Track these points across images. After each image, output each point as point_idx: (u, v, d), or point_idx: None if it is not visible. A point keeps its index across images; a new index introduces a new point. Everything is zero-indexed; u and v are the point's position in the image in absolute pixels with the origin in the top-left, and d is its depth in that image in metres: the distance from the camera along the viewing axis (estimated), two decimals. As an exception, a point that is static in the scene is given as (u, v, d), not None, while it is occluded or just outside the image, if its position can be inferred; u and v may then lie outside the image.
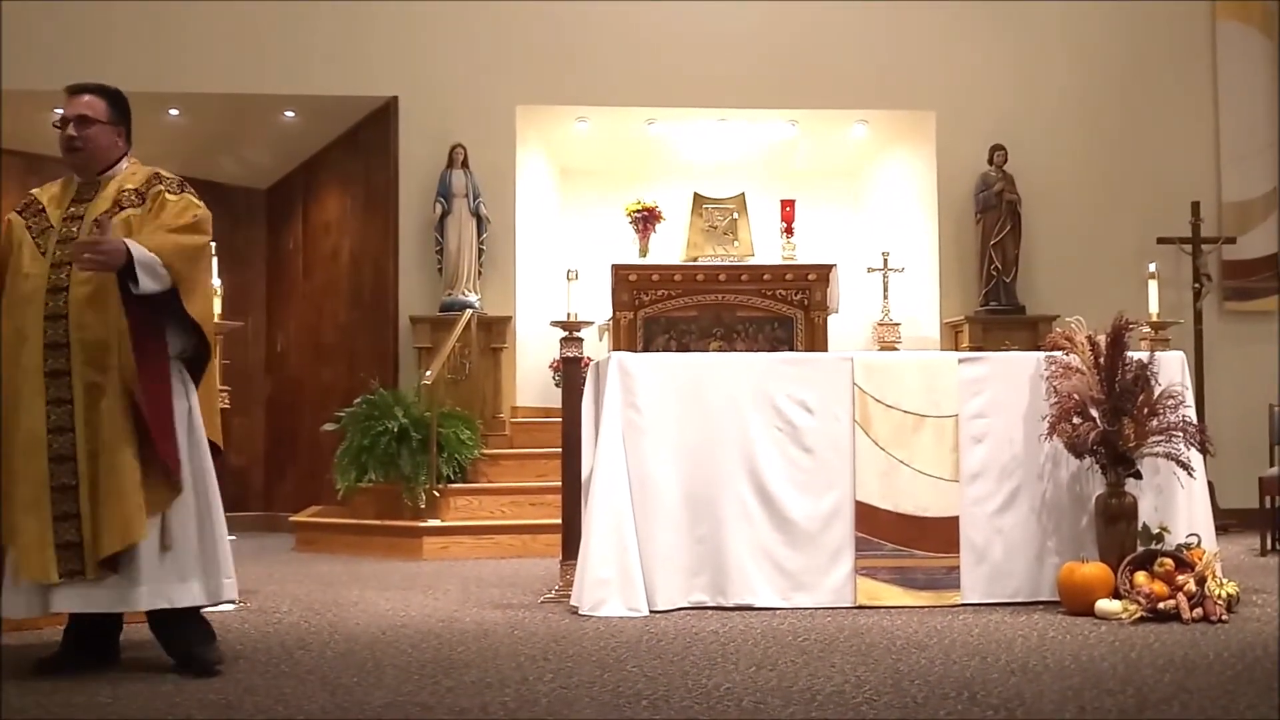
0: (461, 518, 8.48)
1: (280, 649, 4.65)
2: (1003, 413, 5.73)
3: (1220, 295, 10.31)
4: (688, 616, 5.31)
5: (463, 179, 9.83)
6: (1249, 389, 9.55)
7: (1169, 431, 5.50)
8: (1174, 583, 5.16)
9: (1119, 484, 5.49)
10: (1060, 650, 4.47)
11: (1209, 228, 10.07)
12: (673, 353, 9.00)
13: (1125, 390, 5.50)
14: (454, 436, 8.70)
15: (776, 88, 10.17)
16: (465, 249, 9.76)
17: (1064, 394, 5.54)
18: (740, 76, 10.04)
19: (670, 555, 5.52)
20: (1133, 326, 5.64)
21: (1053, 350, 5.77)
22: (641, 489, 5.53)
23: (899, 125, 10.54)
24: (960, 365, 5.81)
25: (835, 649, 4.53)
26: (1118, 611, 5.12)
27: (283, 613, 5.64)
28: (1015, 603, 5.57)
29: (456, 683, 3.97)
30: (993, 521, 5.67)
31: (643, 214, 10.52)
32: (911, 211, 10.65)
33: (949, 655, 4.39)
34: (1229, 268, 10.36)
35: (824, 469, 5.65)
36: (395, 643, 4.75)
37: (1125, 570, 5.28)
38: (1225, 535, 8.22)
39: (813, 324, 9.87)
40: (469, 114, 9.98)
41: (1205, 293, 9.91)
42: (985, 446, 5.70)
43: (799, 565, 5.57)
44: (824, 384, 5.69)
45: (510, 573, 7.17)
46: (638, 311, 9.78)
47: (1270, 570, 6.88)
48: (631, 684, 3.91)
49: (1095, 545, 5.53)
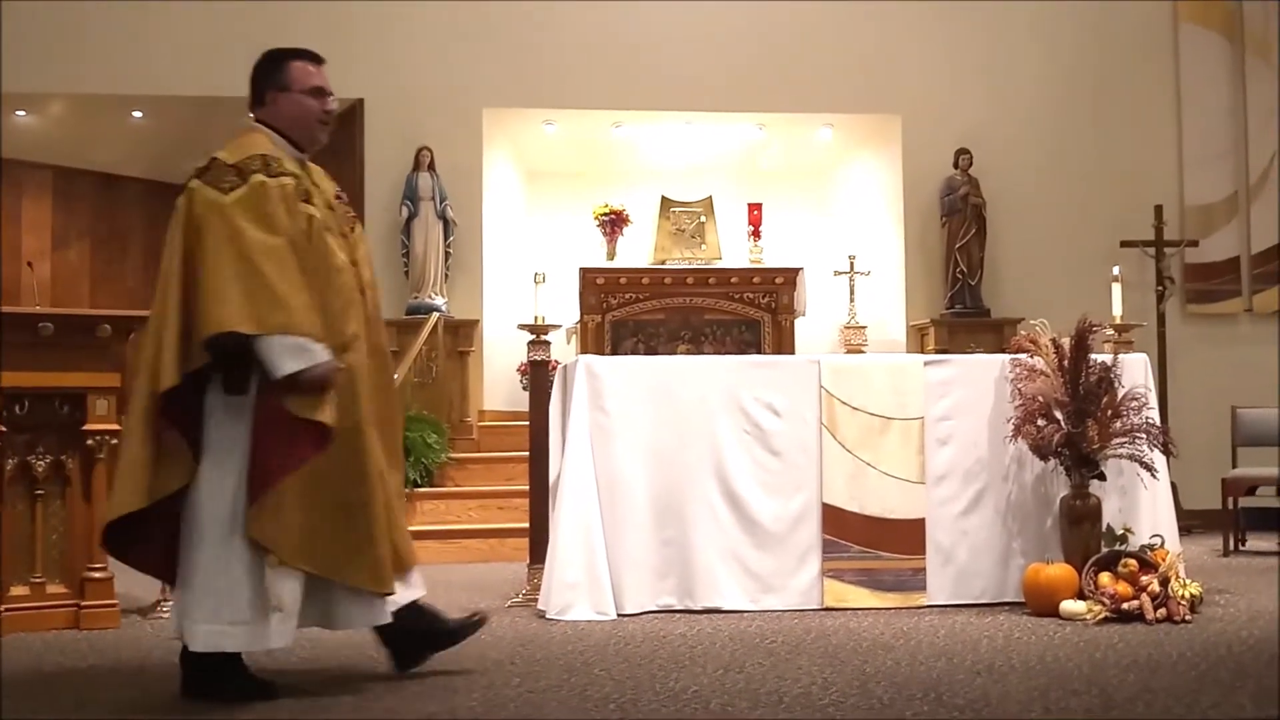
0: (428, 522, 8.45)
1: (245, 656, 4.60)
2: (968, 415, 5.76)
3: (1183, 298, 10.39)
4: (655, 620, 5.32)
5: (429, 182, 9.80)
6: (1212, 391, 9.63)
7: (1132, 433, 5.56)
8: (1138, 583, 5.21)
9: (1083, 485, 5.54)
10: (1026, 651, 4.51)
11: (1172, 231, 10.15)
12: (640, 356, 9.00)
13: (1089, 392, 5.54)
14: (421, 440, 8.67)
15: (743, 91, 10.19)
16: (432, 252, 9.73)
17: (1029, 396, 5.58)
18: (707, 80, 10.06)
19: (638, 558, 5.52)
20: (1096, 329, 5.68)
21: (1017, 353, 5.80)
22: (609, 492, 5.53)
23: (865, 129, 10.58)
24: (926, 368, 5.84)
25: (802, 651, 4.55)
26: (1082, 612, 5.16)
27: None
28: (981, 604, 5.61)
29: (423, 687, 3.95)
30: (958, 523, 5.70)
31: (610, 217, 10.52)
32: (878, 215, 10.70)
33: (915, 656, 4.41)
34: (1192, 271, 10.45)
35: (791, 471, 5.66)
36: (364, 648, 4.71)
37: (1090, 571, 5.32)
38: (1188, 536, 8.28)
39: (780, 327, 9.89)
40: (435, 117, 9.95)
41: (1168, 295, 9.99)
42: (951, 448, 5.73)
43: (766, 568, 5.59)
44: (791, 387, 5.71)
45: (478, 577, 7.15)
46: (605, 314, 9.77)
47: (1233, 570, 6.94)
48: (599, 687, 3.91)
49: (1060, 546, 5.58)
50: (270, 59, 4.02)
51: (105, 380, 5.44)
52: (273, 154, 3.84)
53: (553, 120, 10.42)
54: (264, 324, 3.59)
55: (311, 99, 3.98)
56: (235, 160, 3.78)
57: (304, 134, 3.98)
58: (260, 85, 4.00)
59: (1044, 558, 5.57)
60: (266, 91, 3.98)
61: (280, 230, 3.71)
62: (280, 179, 3.78)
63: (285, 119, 3.96)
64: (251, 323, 3.59)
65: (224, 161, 3.79)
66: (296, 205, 3.79)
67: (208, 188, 3.74)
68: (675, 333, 9.83)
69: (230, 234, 3.65)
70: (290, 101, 3.96)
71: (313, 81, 4.00)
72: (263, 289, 3.61)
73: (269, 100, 3.97)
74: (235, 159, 3.79)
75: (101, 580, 5.36)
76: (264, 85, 3.99)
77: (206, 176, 3.77)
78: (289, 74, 3.98)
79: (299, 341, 3.63)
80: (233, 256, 3.63)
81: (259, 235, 3.66)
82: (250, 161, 3.77)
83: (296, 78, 3.97)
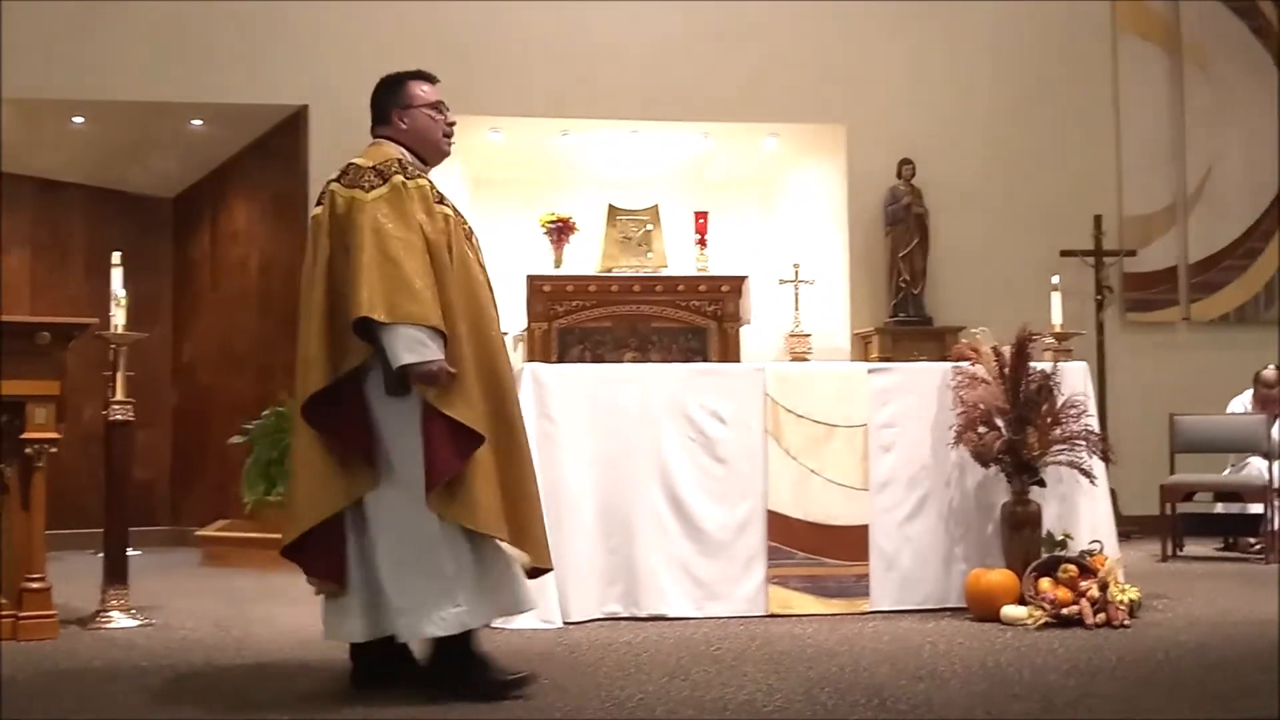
0: (373, 530, 8.38)
1: (186, 665, 4.58)
2: (911, 422, 5.82)
3: (1122, 307, 10.55)
4: (601, 628, 5.32)
5: (374, 188, 9.74)
6: (1150, 398, 9.76)
7: (1072, 440, 5.63)
8: (1077, 589, 5.27)
9: (1024, 492, 5.60)
10: (968, 656, 4.55)
11: (1111, 241, 10.30)
12: (587, 363, 9.00)
13: (1029, 400, 5.61)
14: (366, 448, 8.61)
15: (689, 101, 10.22)
16: (376, 259, 9.67)
17: (970, 404, 5.64)
18: (653, 89, 10.08)
19: (584, 566, 5.52)
20: (1036, 338, 5.76)
21: (959, 361, 5.87)
22: (555, 500, 5.51)
23: (810, 139, 10.65)
24: (870, 375, 5.89)
25: (748, 658, 4.57)
26: (1023, 617, 5.22)
27: (189, 629, 5.53)
28: (924, 609, 5.66)
29: (366, 696, 3.93)
30: (901, 529, 5.75)
31: (557, 225, 10.51)
32: (822, 224, 10.76)
33: (859, 662, 4.44)
34: (1130, 280, 10.60)
35: (737, 479, 5.69)
36: (305, 658, 4.69)
37: (1030, 576, 5.38)
38: (1127, 542, 8.38)
39: (726, 335, 9.93)
40: (380, 124, 9.89)
41: (1107, 304, 10.13)
42: (894, 455, 5.79)
43: (712, 575, 5.60)
44: (737, 394, 5.74)
45: (423, 585, 7.09)
46: (552, 322, 9.76)
47: (1171, 576, 7.05)
48: (544, 695, 3.91)
49: (1001, 552, 5.64)
50: (389, 83, 4.21)
51: (45, 388, 5.36)
52: (408, 160, 4.03)
53: (499, 128, 10.40)
54: (394, 313, 3.71)
55: (434, 112, 4.19)
56: (374, 164, 3.95)
57: (429, 148, 4.18)
58: (384, 106, 4.18)
59: (985, 563, 5.63)
60: (391, 111, 4.16)
61: (417, 228, 3.84)
62: (417, 180, 3.95)
63: (411, 135, 4.14)
64: (383, 310, 3.70)
65: (362, 166, 3.95)
66: (433, 206, 3.94)
67: (348, 189, 3.91)
68: (622, 340, 9.84)
69: (372, 227, 3.79)
70: (415, 117, 4.15)
71: (433, 97, 4.20)
72: (398, 280, 3.73)
73: (394, 119, 4.15)
74: (373, 163, 3.96)
75: (39, 591, 5.27)
76: (388, 105, 4.17)
77: (345, 180, 3.95)
78: (410, 92, 4.17)
79: (422, 335, 3.73)
80: (373, 248, 3.76)
81: (396, 230, 3.80)
82: (389, 165, 3.94)
83: (418, 95, 4.17)
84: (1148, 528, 8.78)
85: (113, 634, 5.41)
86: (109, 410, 5.90)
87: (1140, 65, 10.76)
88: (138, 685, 4.20)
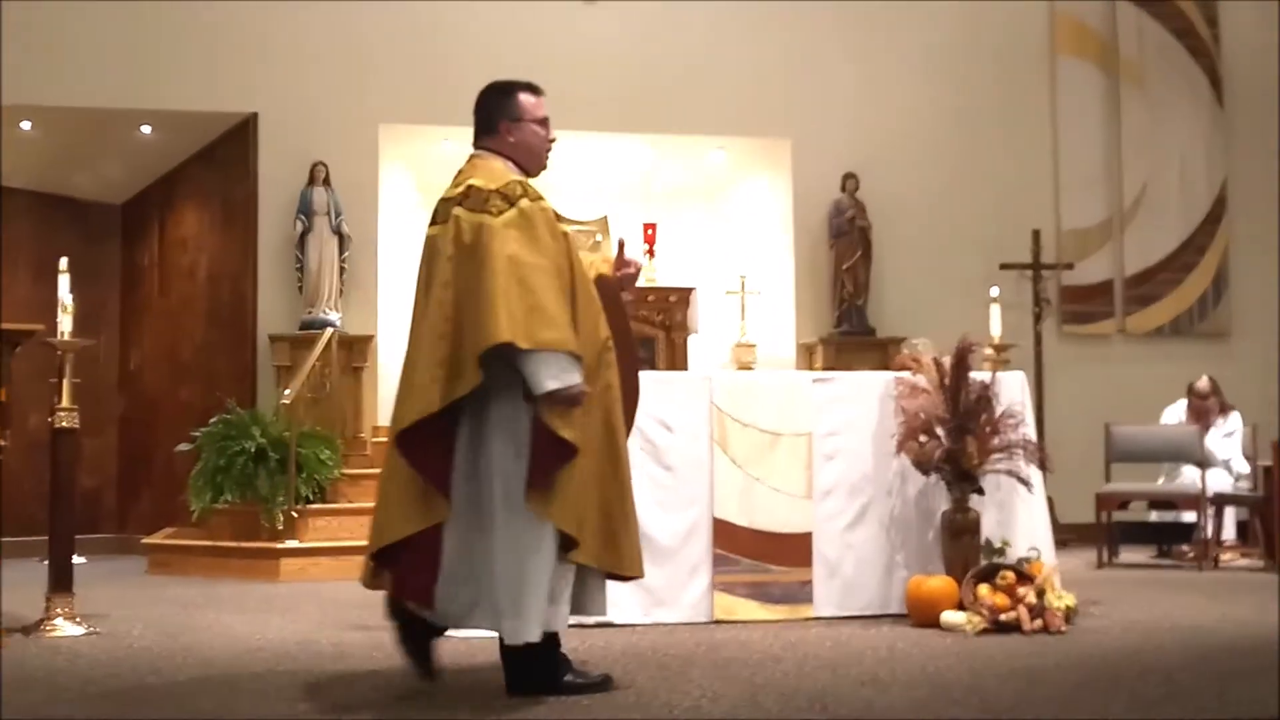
0: (320, 538, 8.37)
1: (132, 674, 4.54)
2: (854, 431, 5.88)
3: (1059, 319, 10.72)
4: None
5: (324, 196, 9.74)
6: (1086, 408, 9.91)
7: (1010, 449, 5.72)
8: (1015, 595, 5.32)
9: (963, 500, 5.68)
10: (908, 662, 4.60)
11: (1048, 254, 10.47)
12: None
13: (969, 409, 5.69)
14: (313, 456, 8.60)
15: (638, 113, 10.29)
16: (326, 267, 9.68)
17: (911, 413, 5.72)
18: (601, 100, 10.13)
19: (532, 573, 5.53)
20: (976, 348, 5.84)
21: (901, 371, 5.94)
22: (504, 508, 5.54)
23: (756, 152, 10.75)
24: (814, 385, 5.96)
25: (693, 664, 4.59)
26: (962, 623, 5.28)
27: (135, 637, 5.48)
28: (866, 616, 5.71)
29: (314, 705, 3.93)
30: (844, 537, 5.82)
31: (505, 234, 10.52)
32: (768, 236, 10.87)
33: (803, 668, 4.48)
34: (1067, 293, 10.78)
35: (683, 486, 5.73)
36: (251, 666, 4.67)
37: (969, 583, 5.44)
38: (1064, 549, 8.48)
39: (673, 344, 10.00)
40: (331, 131, 9.90)
41: (1045, 316, 10.29)
42: (837, 464, 5.85)
43: (658, 581, 5.62)
44: (684, 403, 5.78)
45: (370, 594, 6.96)
46: (500, 331, 9.77)
47: (1106, 582, 7.17)
48: (492, 702, 3.92)
49: (941, 559, 5.71)
50: (500, 91, 4.20)
51: (-10, 394, 5.32)
52: (526, 180, 4.03)
53: (450, 137, 10.40)
54: (535, 339, 3.74)
55: (541, 128, 4.18)
56: (496, 186, 3.94)
57: (534, 161, 4.17)
58: (492, 115, 4.16)
59: (926, 570, 5.69)
60: (500, 121, 4.14)
61: (546, 252, 3.87)
62: (540, 203, 3.95)
63: (517, 147, 4.14)
64: (524, 338, 3.73)
65: (485, 188, 3.94)
66: (556, 228, 3.97)
67: (474, 213, 3.90)
68: (569, 350, 9.86)
69: (505, 254, 3.79)
70: (522, 130, 4.14)
71: (540, 112, 4.19)
72: (535, 307, 3.76)
73: (502, 130, 4.14)
74: (496, 185, 3.94)
75: (-16, 599, 5.23)
76: (496, 116, 4.15)
77: (468, 204, 3.93)
78: (520, 105, 4.16)
79: (563, 361, 3.78)
80: (507, 275, 3.76)
81: (530, 256, 3.81)
82: (512, 187, 3.94)
83: (527, 108, 4.16)
84: (1084, 535, 8.92)
85: (58, 642, 5.35)
86: (54, 417, 5.83)
87: (1078, 83, 10.96)
88: (83, 694, 4.16)
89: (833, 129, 10.53)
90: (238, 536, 8.48)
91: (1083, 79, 10.96)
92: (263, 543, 8.29)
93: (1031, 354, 9.93)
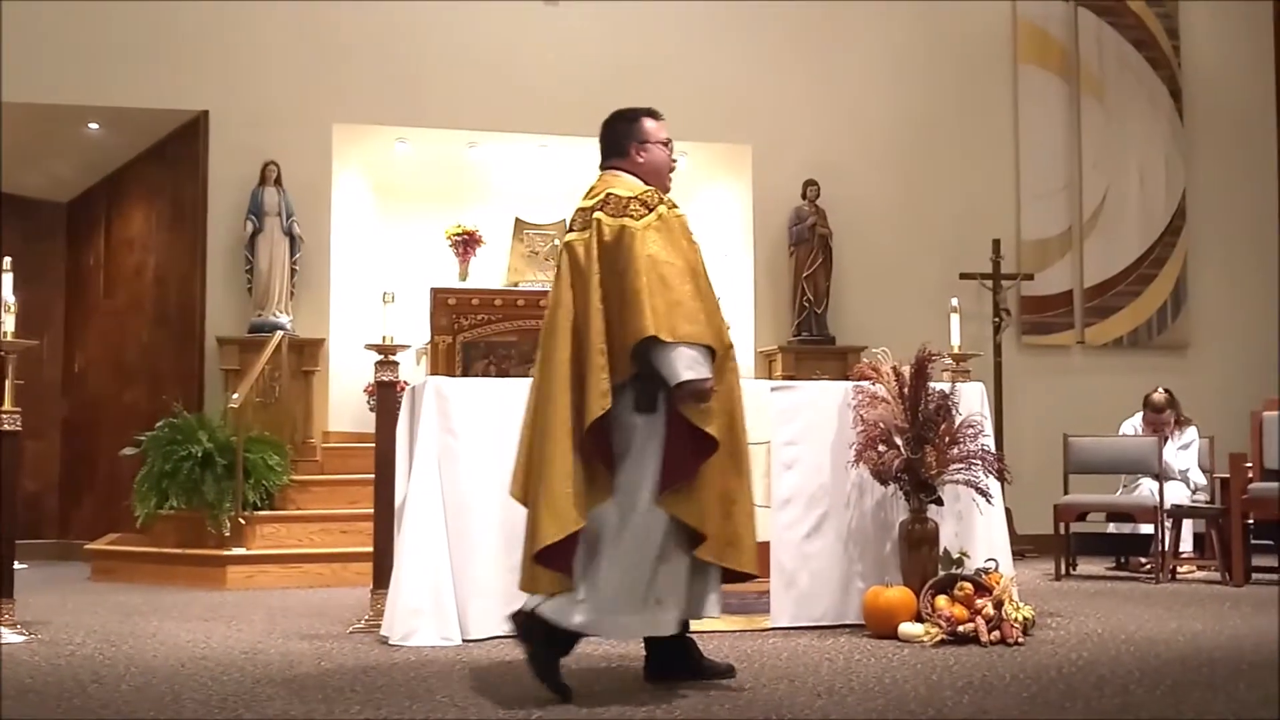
0: (268, 546, 8.25)
1: (73, 682, 4.46)
2: (812, 440, 5.85)
3: (1019, 329, 10.75)
4: (501, 645, 5.26)
5: (275, 197, 9.61)
6: (1045, 419, 9.96)
7: (969, 459, 5.70)
8: (973, 606, 5.33)
9: (921, 510, 5.66)
10: (865, 673, 4.58)
11: (1009, 264, 10.50)
12: (492, 377, 8.94)
13: (928, 419, 5.67)
14: (261, 462, 8.47)
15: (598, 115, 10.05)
16: (277, 269, 9.54)
17: (870, 423, 5.69)
18: (562, 103, 10.07)
19: (485, 583, 5.45)
20: (935, 358, 5.82)
21: (860, 380, 5.92)
22: (457, 515, 5.47)
23: (717, 157, 10.72)
24: (773, 393, 5.92)
25: (648, 674, 4.55)
26: (920, 634, 5.27)
27: (76, 644, 5.39)
28: (823, 626, 5.69)
29: (259, 716, 3.86)
30: (802, 547, 5.78)
31: (463, 237, 10.45)
32: (729, 242, 10.83)
33: (759, 678, 4.45)
34: (1027, 303, 10.82)
35: (639, 495, 5.65)
36: (195, 675, 4.59)
37: (927, 594, 5.43)
38: (1022, 560, 8.54)
39: (631, 351, 9.92)
40: (283, 131, 9.76)
41: (1004, 327, 10.32)
42: (795, 473, 5.81)
43: (613, 591, 5.56)
44: (640, 410, 5.71)
45: (319, 602, 7.00)
46: (457, 336, 9.69)
47: (1064, 594, 7.18)
48: (441, 714, 3.87)
49: (899, 570, 5.68)
50: (626, 118, 4.60)
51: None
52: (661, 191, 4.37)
53: (405, 138, 10.32)
54: (676, 333, 4.05)
55: (665, 150, 4.55)
56: (635, 194, 4.29)
57: (659, 179, 4.49)
58: (622, 140, 4.55)
59: (884, 581, 5.66)
60: (629, 144, 4.52)
61: (683, 255, 4.19)
62: (675, 210, 4.29)
63: (646, 168, 4.48)
64: (667, 331, 4.04)
65: (624, 196, 4.29)
66: (690, 234, 4.29)
67: (615, 218, 4.24)
68: (527, 355, 9.76)
69: (647, 253, 4.12)
70: (651, 152, 4.51)
71: (663, 135, 4.56)
72: (676, 303, 4.08)
73: (631, 152, 4.51)
74: (634, 193, 4.29)
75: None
76: (626, 140, 4.54)
77: (608, 209, 4.27)
78: (646, 128, 4.55)
79: (698, 354, 4.08)
80: (650, 273, 4.10)
81: (669, 256, 4.15)
82: (650, 195, 4.30)
83: (652, 131, 4.55)
84: (1042, 547, 8.93)
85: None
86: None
87: (1039, 94, 11.00)
88: (22, 701, 4.08)
89: (794, 135, 10.52)
90: (183, 543, 8.35)
91: (1044, 88, 11.01)
92: (209, 550, 8.17)
93: (991, 364, 9.95)
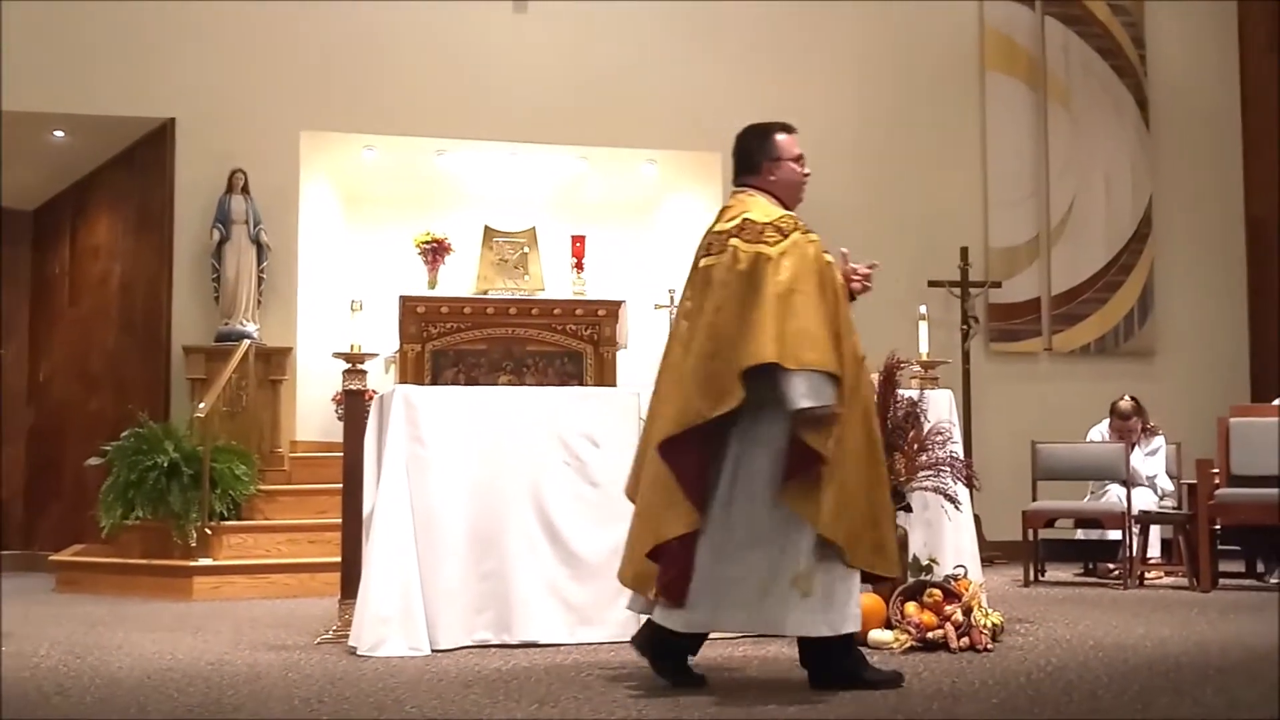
0: (235, 556, 8.19)
1: (37, 694, 4.42)
2: (783, 448, 5.83)
3: (987, 336, 10.79)
4: (470, 655, 5.25)
5: (242, 204, 9.54)
6: (1013, 426, 9.98)
7: (938, 466, 5.71)
8: (942, 613, 5.34)
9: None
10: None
11: (977, 272, 10.54)
12: (461, 386, 8.91)
13: (896, 426, 5.68)
14: (228, 472, 8.41)
15: (567, 124, 10.22)
16: (244, 277, 9.47)
17: (840, 430, 5.68)
18: (531, 111, 10.06)
19: (454, 592, 5.44)
20: (904, 365, 5.84)
21: (830, 387, 5.90)
22: (426, 525, 5.44)
23: (686, 165, 10.72)
24: (743, 401, 5.90)
25: (618, 683, 4.55)
26: (889, 641, 5.28)
27: (40, 656, 5.35)
28: (793, 634, 5.68)
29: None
30: (773, 555, 5.76)
31: (432, 245, 10.41)
32: (698, 250, 10.81)
33: (728, 687, 4.45)
34: (995, 310, 10.86)
35: (611, 502, 5.63)
36: (161, 686, 4.55)
37: (896, 601, 5.44)
38: (991, 567, 8.57)
39: (602, 359, 9.92)
40: (250, 138, 9.70)
41: (973, 334, 10.36)
42: (766, 481, 5.79)
43: (584, 600, 5.56)
44: (612, 418, 5.72)
45: (286, 613, 6.95)
46: (426, 344, 9.65)
47: (1033, 600, 7.20)
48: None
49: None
50: (759, 134, 4.64)
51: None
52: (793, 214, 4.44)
53: (373, 145, 10.28)
54: (799, 360, 4.12)
55: (798, 165, 4.63)
56: (771, 220, 4.36)
57: (792, 195, 4.61)
58: (755, 155, 4.60)
59: (854, 588, 5.66)
60: (762, 161, 4.58)
61: (815, 279, 4.26)
62: (809, 235, 4.35)
63: (778, 185, 4.58)
64: (790, 358, 4.12)
65: (759, 221, 4.35)
66: (824, 258, 4.35)
67: (750, 244, 4.31)
68: (497, 363, 9.77)
69: (778, 279, 4.21)
70: (783, 169, 4.59)
71: (796, 150, 4.64)
72: (801, 330, 4.15)
73: (764, 169, 4.58)
74: (770, 219, 4.37)
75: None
76: (759, 156, 4.59)
77: (744, 235, 4.35)
78: (779, 145, 4.61)
79: (819, 380, 4.14)
80: (777, 300, 4.18)
81: (801, 284, 4.22)
82: (786, 221, 4.37)
83: (784, 147, 4.61)
84: (1010, 553, 8.96)
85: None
86: (-43, 429, 5.68)
87: (1006, 101, 11.06)
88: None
89: (762, 144, 10.50)
90: (149, 554, 8.28)
91: (1011, 95, 11.06)
92: (175, 560, 8.10)
93: (959, 371, 9.98)
